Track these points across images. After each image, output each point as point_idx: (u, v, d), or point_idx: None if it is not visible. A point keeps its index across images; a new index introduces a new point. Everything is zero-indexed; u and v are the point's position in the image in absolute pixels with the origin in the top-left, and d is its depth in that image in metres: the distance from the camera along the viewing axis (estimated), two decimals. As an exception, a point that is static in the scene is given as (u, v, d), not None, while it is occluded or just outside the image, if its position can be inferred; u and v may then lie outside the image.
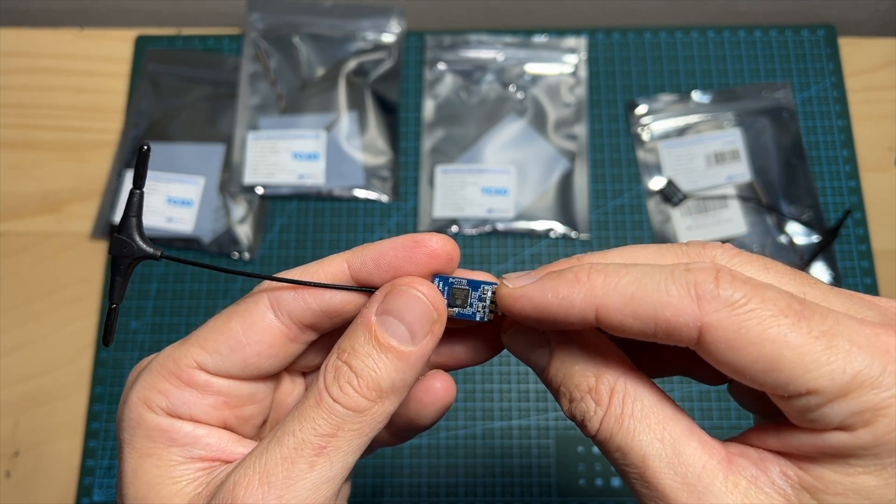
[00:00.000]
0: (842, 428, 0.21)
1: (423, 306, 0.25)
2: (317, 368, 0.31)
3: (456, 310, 0.27)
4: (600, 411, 0.24)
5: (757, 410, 0.27)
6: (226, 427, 0.27)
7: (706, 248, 0.25)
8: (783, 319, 0.21)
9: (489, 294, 0.27)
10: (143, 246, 0.26)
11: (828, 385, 0.21)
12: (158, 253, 0.26)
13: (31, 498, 0.57)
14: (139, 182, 0.26)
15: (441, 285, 0.27)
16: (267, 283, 0.27)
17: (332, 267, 0.27)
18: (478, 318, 0.27)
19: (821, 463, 0.22)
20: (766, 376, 0.22)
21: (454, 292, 0.27)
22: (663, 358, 0.28)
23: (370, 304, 0.26)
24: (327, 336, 0.28)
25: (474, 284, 0.27)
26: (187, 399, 0.26)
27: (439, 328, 0.26)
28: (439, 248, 0.26)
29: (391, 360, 0.25)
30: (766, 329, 0.21)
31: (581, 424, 0.25)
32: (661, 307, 0.22)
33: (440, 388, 0.29)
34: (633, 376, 0.25)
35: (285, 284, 0.26)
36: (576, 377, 0.25)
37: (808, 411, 0.22)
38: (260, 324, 0.26)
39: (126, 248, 0.26)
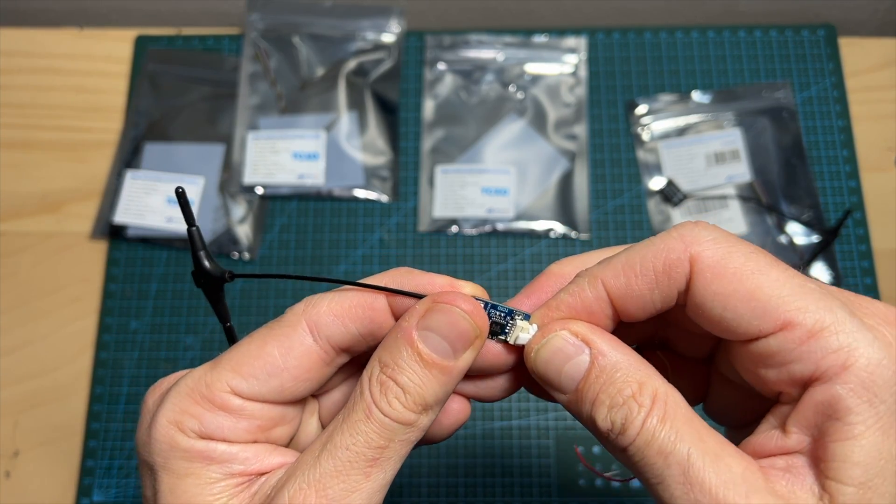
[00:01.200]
0: (819, 377, 0.22)
1: (465, 323, 0.26)
2: (329, 389, 0.31)
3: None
4: (644, 412, 0.24)
5: (728, 422, 0.28)
6: (258, 443, 0.27)
7: (684, 225, 0.27)
8: (761, 257, 0.24)
9: (518, 321, 0.27)
10: (214, 274, 0.28)
11: (802, 319, 0.22)
12: (227, 275, 0.28)
13: (31, 498, 0.57)
14: (190, 220, 0.28)
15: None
16: (302, 308, 0.27)
17: (372, 294, 0.27)
18: (509, 341, 0.28)
19: (827, 438, 0.22)
20: (745, 308, 0.23)
21: (493, 326, 0.28)
22: (641, 326, 0.29)
23: (409, 317, 0.26)
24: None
25: (509, 312, 0.28)
26: (221, 423, 0.26)
27: (480, 343, 0.27)
28: (474, 293, 0.27)
29: (434, 375, 0.26)
30: (747, 261, 0.23)
31: (620, 430, 0.24)
32: (655, 255, 0.25)
33: (457, 408, 0.30)
34: (672, 388, 0.25)
35: (323, 309, 0.27)
36: (618, 383, 0.25)
37: (786, 354, 0.22)
38: (299, 348, 0.26)
39: (204, 280, 0.28)
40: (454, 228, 0.63)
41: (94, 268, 0.63)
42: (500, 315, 0.27)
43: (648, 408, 0.24)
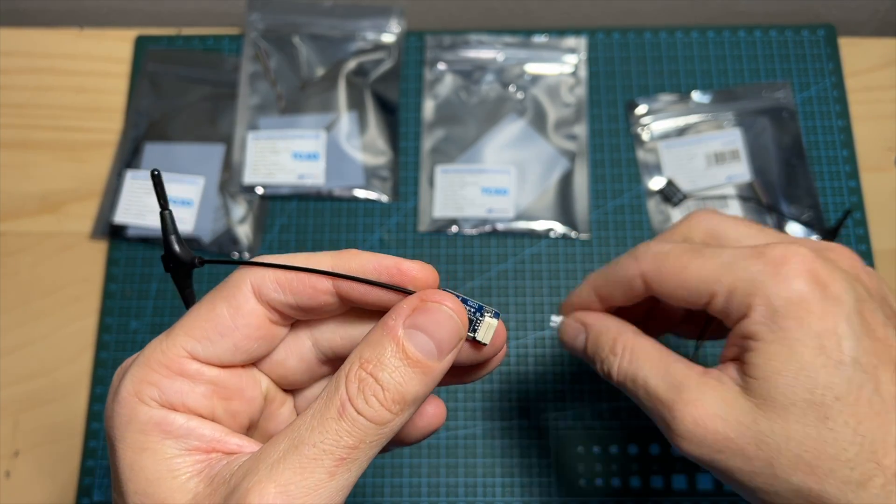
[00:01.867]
0: (743, 316, 0.32)
1: (454, 324, 0.26)
2: (295, 386, 0.31)
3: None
4: (616, 359, 0.36)
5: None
6: (215, 419, 0.27)
7: (692, 214, 0.38)
8: (686, 254, 0.34)
9: (487, 318, 0.27)
10: (183, 258, 0.28)
11: (719, 289, 0.32)
12: (196, 261, 0.28)
13: (31, 498, 0.57)
14: (163, 203, 0.28)
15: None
16: (247, 268, 0.27)
17: (315, 264, 0.27)
18: (478, 339, 0.28)
19: (748, 350, 0.31)
20: (684, 293, 0.34)
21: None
22: (659, 323, 0.43)
23: (395, 315, 0.26)
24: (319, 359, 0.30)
25: (479, 308, 0.28)
26: (179, 388, 0.26)
27: (461, 344, 0.27)
28: (421, 278, 0.27)
29: (417, 375, 0.25)
30: (675, 262, 0.34)
31: (608, 375, 0.37)
32: (618, 272, 0.37)
33: (432, 412, 0.30)
34: (639, 336, 0.37)
35: (268, 274, 0.27)
36: (602, 344, 0.37)
37: (721, 311, 0.33)
38: (245, 307, 0.27)
39: (173, 263, 0.28)
40: (454, 228, 0.63)
41: (94, 268, 0.63)
42: (470, 310, 0.27)
43: (620, 355, 0.36)
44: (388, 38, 0.68)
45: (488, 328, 0.27)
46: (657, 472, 0.56)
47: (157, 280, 0.62)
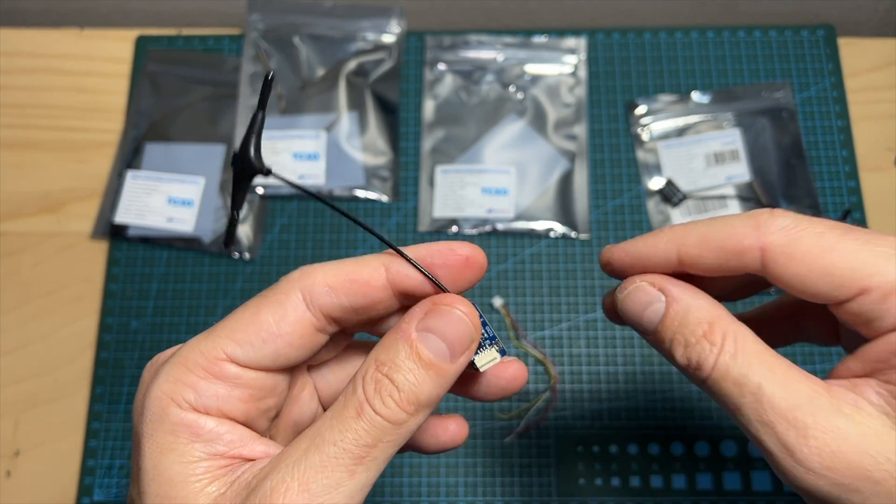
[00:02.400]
0: None
1: (465, 326, 0.27)
2: (323, 363, 0.31)
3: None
4: (715, 350, 0.27)
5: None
6: (246, 421, 0.27)
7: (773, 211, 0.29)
8: (830, 233, 0.26)
9: (492, 349, 0.29)
10: (256, 164, 0.27)
11: (877, 282, 0.25)
12: (267, 170, 0.27)
13: (31, 497, 0.57)
14: (263, 104, 0.27)
15: None
16: (297, 276, 0.27)
17: (370, 267, 0.27)
18: (474, 361, 0.28)
19: None
20: (822, 282, 0.26)
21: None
22: (780, 328, 0.34)
23: (409, 319, 0.26)
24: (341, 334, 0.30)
25: (492, 337, 0.29)
26: (216, 391, 0.26)
27: (474, 346, 0.27)
28: (473, 257, 0.28)
29: (430, 376, 0.26)
30: (817, 241, 0.26)
31: (696, 366, 0.27)
32: (728, 237, 0.28)
33: (454, 429, 0.31)
34: (740, 325, 0.28)
35: (318, 279, 0.27)
36: (691, 325, 0.28)
37: (866, 313, 0.25)
38: (292, 315, 0.27)
39: (243, 164, 0.27)
40: (454, 228, 0.63)
41: (94, 268, 0.63)
42: (483, 335, 0.28)
43: (720, 345, 0.27)
44: (388, 38, 0.68)
45: (490, 359, 0.28)
46: (657, 472, 0.56)
47: (157, 280, 0.62)
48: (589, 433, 0.57)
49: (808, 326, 0.34)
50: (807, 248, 0.26)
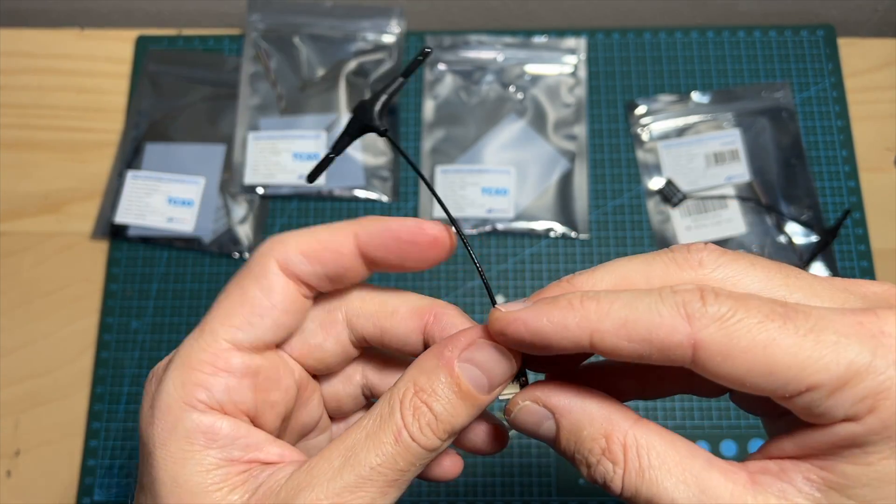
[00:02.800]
0: (849, 419, 0.22)
1: (509, 364, 0.27)
2: (330, 369, 0.31)
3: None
4: (619, 470, 0.24)
5: (760, 413, 0.28)
6: (257, 414, 0.27)
7: (691, 250, 0.26)
8: (770, 324, 0.22)
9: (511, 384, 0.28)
10: (375, 120, 0.27)
11: (824, 379, 0.22)
12: (382, 129, 0.27)
13: (31, 497, 0.57)
14: (408, 74, 0.28)
15: None
16: (269, 246, 0.27)
17: (341, 235, 0.27)
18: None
19: (840, 458, 0.22)
20: (763, 381, 0.23)
21: None
22: (663, 381, 0.29)
23: (452, 346, 0.26)
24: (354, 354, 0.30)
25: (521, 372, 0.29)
26: (227, 384, 0.26)
27: (509, 381, 0.27)
28: (440, 238, 0.28)
29: (466, 407, 0.26)
30: (756, 336, 0.22)
31: (605, 486, 0.25)
32: (654, 328, 0.23)
33: (449, 464, 0.31)
34: (640, 426, 0.25)
35: (290, 246, 0.27)
36: (586, 442, 0.25)
37: (813, 407, 0.22)
38: (277, 285, 0.27)
39: (364, 115, 0.28)
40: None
41: (94, 268, 0.63)
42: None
43: (623, 462, 0.24)
44: (388, 38, 0.68)
45: (511, 392, 0.28)
46: (657, 472, 0.56)
47: (157, 280, 0.63)
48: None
49: (698, 384, 0.29)
50: (746, 345, 0.23)
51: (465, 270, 0.62)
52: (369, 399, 0.33)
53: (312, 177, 0.29)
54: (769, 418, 0.27)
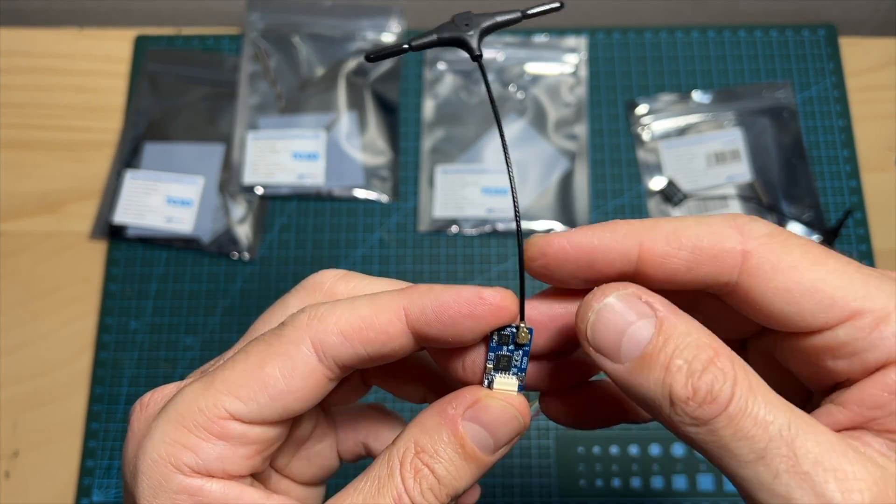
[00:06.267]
0: (892, 361, 0.21)
1: (517, 424, 0.25)
2: (339, 403, 0.30)
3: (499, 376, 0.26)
4: (731, 380, 0.21)
5: (807, 381, 0.25)
6: (253, 473, 0.26)
7: (751, 218, 0.25)
8: (816, 249, 0.22)
9: (512, 377, 0.26)
10: (474, 42, 0.26)
11: (869, 307, 0.21)
12: (477, 54, 0.26)
13: (30, 498, 0.57)
14: (530, 16, 0.27)
15: (493, 349, 0.26)
16: (306, 322, 0.24)
17: (388, 312, 0.24)
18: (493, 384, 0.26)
19: None
20: (809, 302, 0.22)
21: (499, 358, 0.26)
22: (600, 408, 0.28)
23: (456, 403, 0.24)
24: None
25: (521, 369, 0.26)
26: (220, 453, 0.24)
27: (517, 440, 0.26)
28: (503, 304, 0.24)
29: (470, 467, 0.24)
30: (805, 254, 0.22)
31: (706, 399, 0.21)
32: (705, 236, 0.23)
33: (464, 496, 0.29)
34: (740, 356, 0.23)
35: (330, 324, 0.24)
36: (692, 348, 0.21)
37: (856, 342, 0.21)
38: (302, 368, 0.24)
39: (466, 28, 0.26)
40: (454, 228, 0.63)
41: (93, 268, 0.63)
42: (508, 357, 0.26)
43: (733, 375, 0.21)
44: (388, 37, 0.68)
45: (509, 388, 0.26)
46: (658, 473, 0.56)
47: (156, 280, 0.62)
48: (589, 434, 0.57)
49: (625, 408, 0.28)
50: (795, 260, 0.22)
51: (465, 270, 0.62)
52: (368, 385, 0.32)
53: (375, 57, 0.24)
54: (814, 393, 0.25)
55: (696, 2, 0.71)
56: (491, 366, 0.26)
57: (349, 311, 0.24)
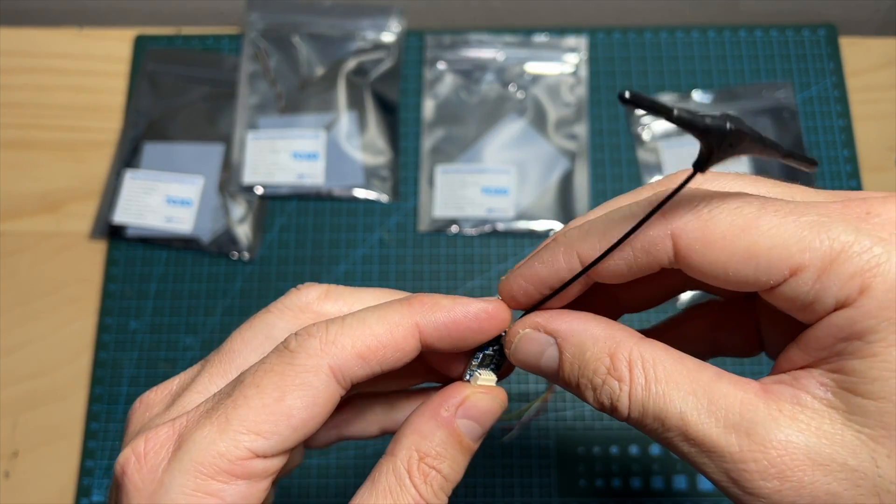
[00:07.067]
0: (842, 305, 0.21)
1: (498, 404, 0.27)
2: None
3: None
4: (625, 387, 0.23)
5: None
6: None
7: (678, 173, 0.25)
8: (747, 208, 0.22)
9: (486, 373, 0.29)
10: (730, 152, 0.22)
11: (808, 259, 0.21)
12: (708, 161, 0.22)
13: (30, 498, 0.57)
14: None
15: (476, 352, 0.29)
16: (319, 347, 0.24)
17: (402, 330, 0.25)
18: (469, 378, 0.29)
19: (846, 356, 0.21)
20: (746, 268, 0.22)
21: (485, 357, 0.28)
22: (690, 345, 0.28)
23: (448, 406, 0.26)
24: None
25: (497, 365, 0.29)
26: (244, 490, 0.24)
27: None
28: (505, 316, 0.27)
29: (466, 457, 0.26)
30: (734, 220, 0.22)
31: (612, 409, 0.24)
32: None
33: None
34: (645, 343, 0.24)
35: (346, 348, 0.24)
36: (590, 364, 0.24)
37: (802, 296, 0.21)
38: (325, 395, 0.24)
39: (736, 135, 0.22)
40: (454, 228, 0.63)
41: (93, 268, 0.63)
42: (491, 356, 0.28)
43: (628, 379, 0.23)
44: (387, 37, 0.68)
45: (483, 378, 0.28)
46: (658, 473, 0.56)
47: (156, 280, 0.62)
48: (589, 434, 0.57)
49: (722, 338, 0.30)
50: (724, 229, 0.22)
51: (465, 270, 0.62)
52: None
53: (632, 101, 0.20)
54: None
55: (696, 2, 0.71)
56: (476, 363, 0.28)
57: (362, 331, 0.25)
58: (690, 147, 0.65)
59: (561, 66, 0.67)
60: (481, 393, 0.27)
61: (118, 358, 0.60)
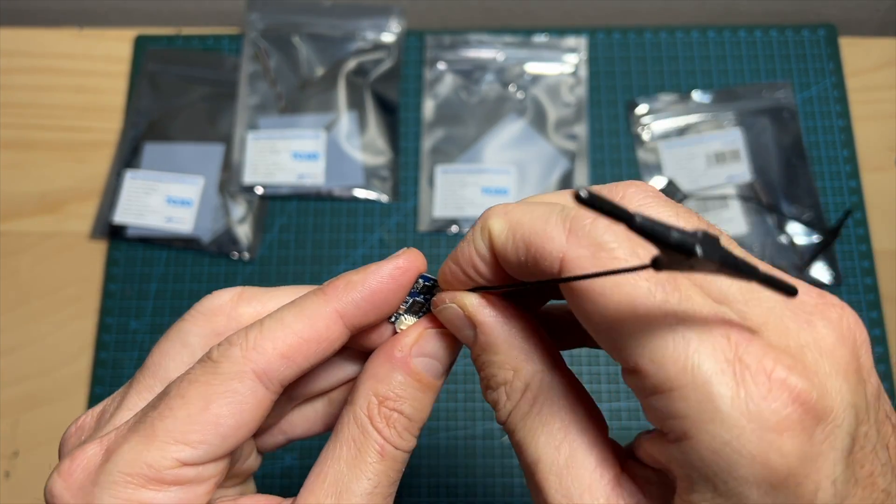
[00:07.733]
0: (669, 435, 0.19)
1: (454, 342, 0.26)
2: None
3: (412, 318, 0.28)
4: (510, 405, 0.24)
5: None
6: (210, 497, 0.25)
7: (618, 185, 0.23)
8: (643, 281, 0.19)
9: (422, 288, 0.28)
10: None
11: (649, 369, 0.19)
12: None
13: (30, 498, 0.57)
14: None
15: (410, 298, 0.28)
16: (240, 354, 0.24)
17: (323, 320, 0.25)
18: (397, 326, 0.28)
19: (682, 486, 0.20)
20: (605, 333, 0.20)
21: (414, 304, 0.28)
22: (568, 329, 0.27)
23: (398, 346, 0.26)
24: None
25: (426, 309, 0.28)
26: (179, 496, 0.23)
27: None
28: (417, 262, 0.26)
29: (429, 395, 0.26)
30: (621, 284, 0.20)
31: (493, 409, 0.25)
32: (535, 234, 0.22)
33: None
34: (553, 376, 0.24)
35: (268, 351, 0.24)
36: (494, 368, 0.25)
37: (644, 394, 0.20)
38: (251, 401, 0.24)
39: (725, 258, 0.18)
40: (454, 228, 0.63)
41: (93, 268, 0.63)
42: (421, 304, 0.28)
43: (516, 400, 0.24)
44: (387, 37, 0.68)
45: (405, 323, 0.28)
46: (657, 473, 0.56)
47: (156, 280, 0.62)
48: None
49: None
50: (608, 288, 0.20)
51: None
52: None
53: (588, 202, 0.17)
54: None
55: (696, 2, 0.71)
56: (403, 308, 0.27)
57: (282, 331, 0.24)
58: (691, 147, 0.65)
59: (561, 66, 0.67)
60: (434, 329, 0.26)
61: (118, 358, 0.60)
